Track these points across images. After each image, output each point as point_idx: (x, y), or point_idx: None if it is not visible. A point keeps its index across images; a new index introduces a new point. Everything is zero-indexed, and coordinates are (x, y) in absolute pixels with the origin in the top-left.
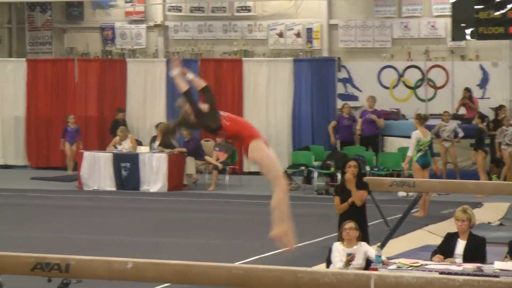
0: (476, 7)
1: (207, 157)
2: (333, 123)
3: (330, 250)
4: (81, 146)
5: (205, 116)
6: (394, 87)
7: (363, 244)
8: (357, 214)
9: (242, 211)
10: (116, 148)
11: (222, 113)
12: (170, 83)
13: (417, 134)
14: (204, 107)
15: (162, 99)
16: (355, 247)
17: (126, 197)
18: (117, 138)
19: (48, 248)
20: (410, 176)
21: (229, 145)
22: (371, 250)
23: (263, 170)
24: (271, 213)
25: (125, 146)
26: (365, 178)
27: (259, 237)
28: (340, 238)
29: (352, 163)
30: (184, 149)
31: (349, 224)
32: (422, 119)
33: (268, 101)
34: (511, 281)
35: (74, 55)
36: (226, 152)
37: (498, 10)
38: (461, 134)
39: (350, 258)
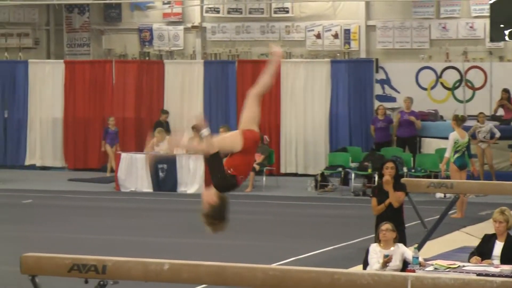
0: None
1: None
2: (372, 127)
3: (367, 252)
4: (119, 147)
5: (224, 182)
6: (432, 88)
7: (400, 245)
8: (394, 215)
9: (278, 213)
10: (153, 149)
11: (226, 169)
12: (208, 84)
13: (454, 135)
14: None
15: (200, 100)
16: (392, 248)
17: (163, 198)
18: (155, 139)
19: (85, 250)
20: (447, 177)
21: (265, 146)
22: (408, 252)
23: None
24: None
25: (163, 148)
26: (403, 179)
27: (295, 238)
28: (377, 240)
29: (390, 164)
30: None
31: (386, 226)
32: (459, 120)
33: (305, 102)
34: None
35: (112, 56)
36: (263, 154)
37: None
38: (497, 134)
39: (387, 259)
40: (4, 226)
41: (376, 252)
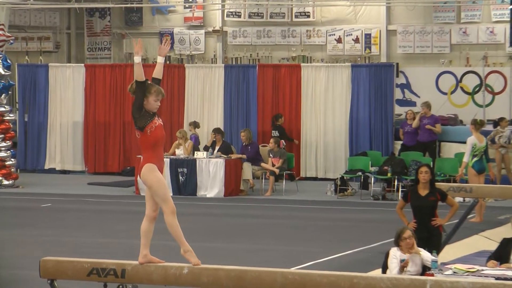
0: None
1: (262, 164)
2: (400, 131)
3: (386, 255)
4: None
5: (140, 113)
6: (452, 92)
7: (420, 249)
8: (431, 217)
9: (298, 217)
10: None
11: (156, 121)
12: (228, 89)
13: (472, 139)
14: None
15: (220, 104)
16: (412, 252)
17: (183, 202)
18: (177, 141)
19: (104, 254)
20: (462, 182)
21: (283, 151)
22: (427, 255)
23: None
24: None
25: (183, 151)
26: None
27: (314, 242)
28: (397, 244)
29: (424, 168)
30: (244, 156)
31: (408, 233)
32: (478, 124)
33: (326, 107)
34: None
35: (132, 60)
36: (281, 158)
37: None
38: None
39: (403, 263)
40: (23, 230)
41: (396, 257)
